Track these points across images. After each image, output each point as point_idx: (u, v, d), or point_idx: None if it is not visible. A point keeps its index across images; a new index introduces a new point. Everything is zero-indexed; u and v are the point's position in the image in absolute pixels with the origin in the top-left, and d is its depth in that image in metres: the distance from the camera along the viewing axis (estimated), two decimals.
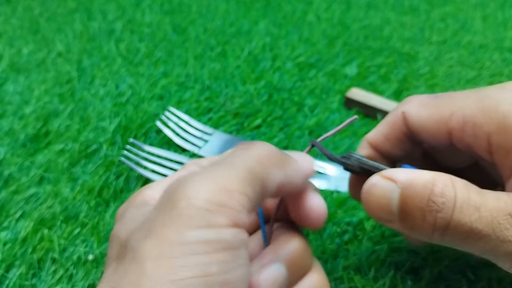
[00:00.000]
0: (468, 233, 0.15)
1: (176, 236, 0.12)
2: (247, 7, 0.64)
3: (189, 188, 0.13)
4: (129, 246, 0.13)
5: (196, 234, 0.13)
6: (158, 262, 0.12)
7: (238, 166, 0.14)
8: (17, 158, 0.33)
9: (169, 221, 0.13)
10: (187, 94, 0.41)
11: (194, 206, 0.13)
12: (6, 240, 0.26)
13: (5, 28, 0.56)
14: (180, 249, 0.12)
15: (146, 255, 0.12)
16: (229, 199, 0.13)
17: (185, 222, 0.13)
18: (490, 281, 0.24)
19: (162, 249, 0.12)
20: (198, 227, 0.13)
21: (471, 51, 0.52)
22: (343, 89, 0.43)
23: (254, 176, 0.14)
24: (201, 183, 0.13)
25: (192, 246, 0.12)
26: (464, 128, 0.17)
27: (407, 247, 0.26)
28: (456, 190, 0.15)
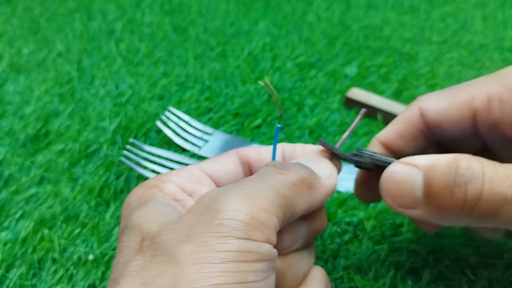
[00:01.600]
0: (502, 202, 0.15)
1: (217, 243, 0.13)
2: (247, 7, 0.64)
3: (232, 201, 0.14)
4: (162, 245, 0.14)
5: (237, 243, 0.13)
6: (199, 266, 0.13)
7: (275, 191, 0.15)
8: (18, 158, 0.33)
9: (211, 229, 0.13)
10: (187, 94, 0.41)
11: (236, 219, 0.14)
12: (7, 240, 0.26)
13: (5, 28, 0.56)
14: (221, 256, 0.13)
15: (186, 258, 0.13)
16: (267, 219, 0.14)
17: (226, 232, 0.13)
18: (490, 281, 0.24)
19: (202, 254, 0.13)
20: (238, 238, 0.13)
21: (471, 51, 0.52)
22: (343, 89, 0.43)
23: (288, 203, 0.15)
24: (243, 200, 0.14)
25: (232, 254, 0.13)
26: (490, 106, 0.18)
27: (407, 247, 0.26)
28: (482, 164, 0.15)
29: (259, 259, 0.14)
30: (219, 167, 0.19)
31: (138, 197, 0.17)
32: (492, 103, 0.18)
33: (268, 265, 0.14)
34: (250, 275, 0.13)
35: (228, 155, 0.20)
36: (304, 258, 0.18)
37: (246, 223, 0.14)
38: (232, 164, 0.20)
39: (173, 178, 0.18)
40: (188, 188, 0.18)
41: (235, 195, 0.14)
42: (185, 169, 0.19)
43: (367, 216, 0.28)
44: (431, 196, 0.16)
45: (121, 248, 0.15)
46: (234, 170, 0.20)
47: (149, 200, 0.17)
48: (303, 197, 0.16)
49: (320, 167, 0.18)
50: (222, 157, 0.20)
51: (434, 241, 0.26)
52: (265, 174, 0.16)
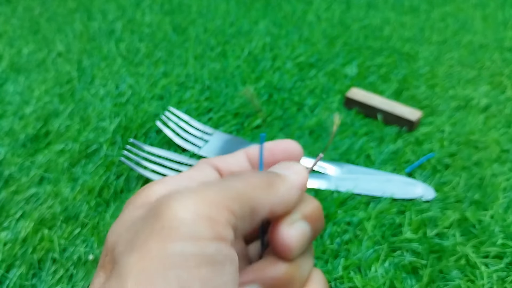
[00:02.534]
0: None
1: (158, 249, 0.12)
2: (247, 7, 0.64)
3: (175, 200, 0.13)
4: (116, 258, 0.13)
5: (178, 247, 0.12)
6: (139, 278, 0.12)
7: (227, 187, 0.14)
8: (17, 158, 0.33)
9: (153, 233, 0.12)
10: (187, 94, 0.41)
11: (178, 217, 0.13)
12: (7, 240, 0.26)
13: (5, 28, 0.56)
14: (161, 263, 0.12)
15: (128, 270, 0.12)
16: (215, 213, 0.13)
17: (168, 234, 0.12)
18: (490, 280, 0.24)
19: (144, 264, 0.12)
20: (180, 239, 0.12)
21: (471, 51, 0.52)
22: (343, 89, 0.43)
23: (243, 196, 0.14)
24: (188, 197, 0.13)
25: (173, 260, 0.12)
26: None
27: (407, 247, 0.26)
28: None
29: (204, 262, 0.12)
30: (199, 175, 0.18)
31: (126, 205, 0.17)
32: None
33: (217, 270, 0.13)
34: (194, 283, 0.12)
35: (201, 166, 0.19)
36: (307, 260, 0.18)
37: (190, 220, 0.13)
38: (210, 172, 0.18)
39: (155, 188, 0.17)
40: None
41: (178, 194, 0.13)
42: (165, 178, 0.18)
43: (367, 216, 0.28)
44: None
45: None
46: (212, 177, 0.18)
47: (125, 208, 0.16)
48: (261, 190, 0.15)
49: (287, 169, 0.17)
50: (197, 167, 0.19)
51: (434, 241, 0.26)
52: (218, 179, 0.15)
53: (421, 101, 0.42)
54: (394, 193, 0.30)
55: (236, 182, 0.15)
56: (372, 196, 0.30)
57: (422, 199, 0.30)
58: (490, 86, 0.45)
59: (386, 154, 0.34)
